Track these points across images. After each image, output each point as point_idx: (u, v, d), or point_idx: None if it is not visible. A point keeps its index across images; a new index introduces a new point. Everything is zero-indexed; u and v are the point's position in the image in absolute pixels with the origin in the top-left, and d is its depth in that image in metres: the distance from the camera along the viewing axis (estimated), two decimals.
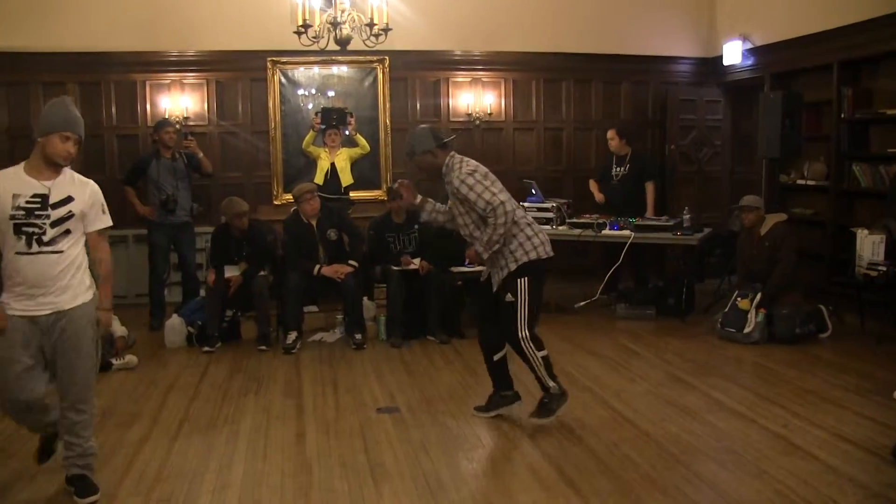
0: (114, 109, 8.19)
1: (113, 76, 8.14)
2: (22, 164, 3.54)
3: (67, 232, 3.54)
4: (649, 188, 7.73)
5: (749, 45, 8.44)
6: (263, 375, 5.65)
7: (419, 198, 4.64)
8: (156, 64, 8.18)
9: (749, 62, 8.49)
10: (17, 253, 3.45)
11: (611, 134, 7.83)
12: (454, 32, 8.58)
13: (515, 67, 8.83)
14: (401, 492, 3.68)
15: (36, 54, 7.84)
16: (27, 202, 3.45)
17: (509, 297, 4.38)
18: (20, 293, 3.48)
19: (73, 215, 3.54)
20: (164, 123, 7.21)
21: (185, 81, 8.28)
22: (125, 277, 8.06)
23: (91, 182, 3.70)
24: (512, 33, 8.69)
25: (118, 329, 5.91)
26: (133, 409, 4.92)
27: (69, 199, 3.54)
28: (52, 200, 3.49)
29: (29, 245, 3.44)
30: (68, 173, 3.61)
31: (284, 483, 3.80)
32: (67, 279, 3.55)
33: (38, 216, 3.46)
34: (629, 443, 4.22)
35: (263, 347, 6.30)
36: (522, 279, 4.36)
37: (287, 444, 4.29)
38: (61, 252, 3.52)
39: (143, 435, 4.47)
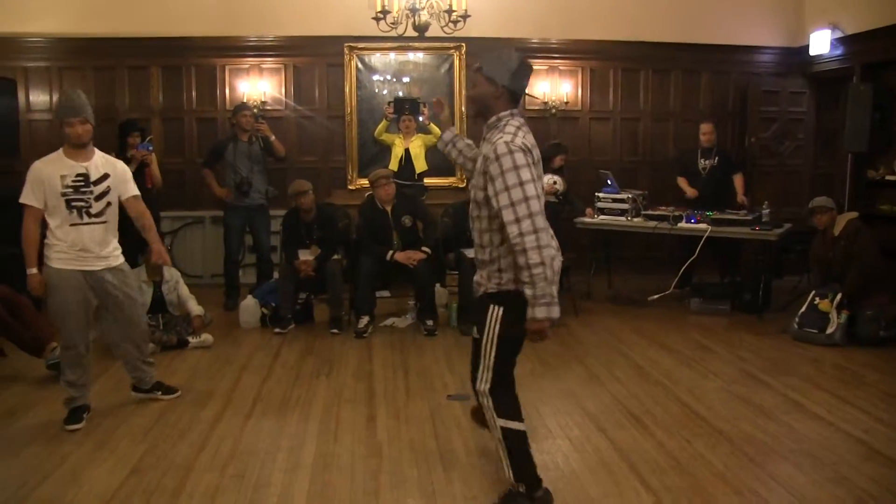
0: (194, 93, 8.38)
1: (194, 60, 8.33)
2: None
3: (109, 204, 4.39)
4: (739, 179, 7.55)
5: (839, 34, 8.12)
6: (335, 358, 5.71)
7: (446, 114, 3.81)
8: (235, 49, 8.33)
9: (838, 52, 8.17)
10: (72, 224, 4.26)
11: (709, 128, 7.59)
12: (532, 20, 8.49)
13: (593, 56, 8.71)
14: (470, 479, 3.69)
15: (122, 39, 8.07)
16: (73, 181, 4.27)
17: (475, 331, 3.39)
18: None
19: (110, 190, 4.38)
20: (241, 107, 7.33)
21: (263, 66, 8.41)
22: (201, 258, 8.28)
23: (118, 161, 4.60)
24: (590, 21, 8.57)
25: (195, 308, 6.05)
26: (208, 387, 5.04)
27: (106, 177, 4.38)
28: (92, 179, 4.32)
29: (80, 217, 4.28)
30: (101, 156, 4.44)
31: (355, 465, 3.84)
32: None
33: (84, 192, 4.28)
34: (702, 440, 4.15)
35: (335, 331, 6.37)
36: (497, 309, 3.16)
37: (358, 427, 4.34)
38: (106, 222, 4.39)
39: (217, 412, 4.58)
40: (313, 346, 6.03)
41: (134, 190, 4.55)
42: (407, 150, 7.41)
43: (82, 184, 4.27)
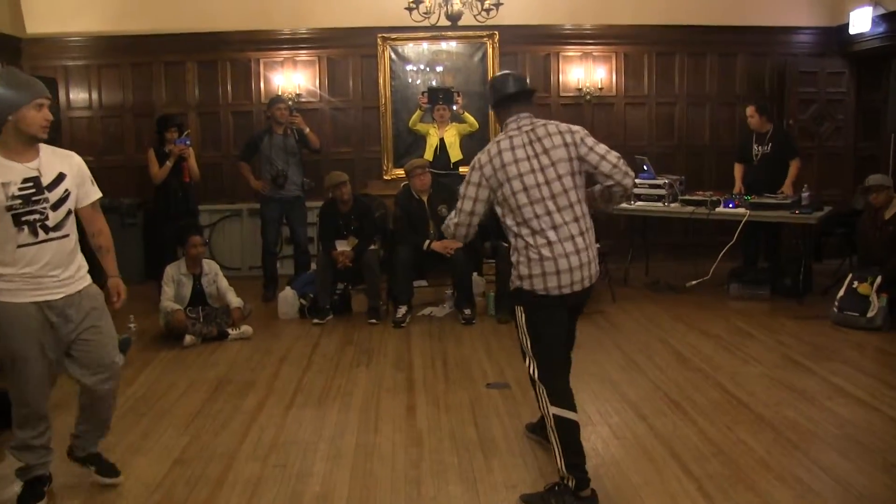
0: (229, 87, 8.46)
1: (228, 55, 8.41)
2: None
3: (69, 213, 3.29)
4: (794, 166, 7.19)
5: (881, 11, 7.91)
6: (374, 348, 5.75)
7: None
8: (269, 42, 8.38)
9: (880, 29, 7.95)
10: (21, 245, 3.14)
11: (750, 111, 7.28)
12: (564, 6, 8.43)
13: (627, 41, 8.62)
14: (510, 467, 3.70)
15: (158, 36, 8.17)
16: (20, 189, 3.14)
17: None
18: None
19: (69, 194, 3.28)
20: (276, 100, 7.39)
21: (297, 59, 8.45)
22: (239, 250, 8.38)
23: (73, 153, 3.39)
24: (623, 6, 8.48)
25: (234, 300, 6.12)
26: (249, 378, 5.10)
27: (62, 177, 3.26)
28: (45, 182, 3.20)
29: (35, 234, 3.16)
30: (48, 149, 3.29)
31: (396, 454, 3.87)
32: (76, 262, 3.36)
33: (37, 202, 3.17)
34: (743, 426, 4.11)
35: (374, 321, 6.41)
36: (518, 308, 3.39)
37: (398, 417, 4.37)
38: (68, 235, 3.29)
39: (258, 403, 4.63)
40: (352, 337, 6.08)
41: (94, 194, 3.42)
42: (442, 140, 7.41)
43: (33, 191, 3.13)
